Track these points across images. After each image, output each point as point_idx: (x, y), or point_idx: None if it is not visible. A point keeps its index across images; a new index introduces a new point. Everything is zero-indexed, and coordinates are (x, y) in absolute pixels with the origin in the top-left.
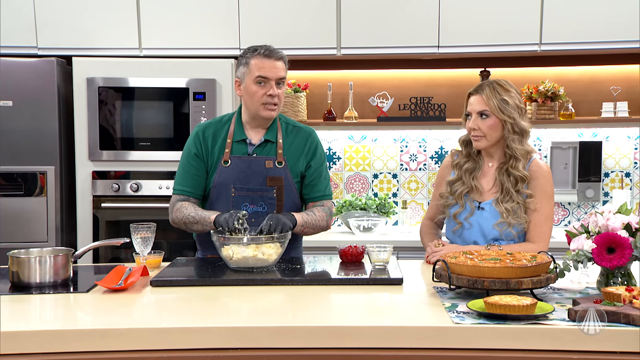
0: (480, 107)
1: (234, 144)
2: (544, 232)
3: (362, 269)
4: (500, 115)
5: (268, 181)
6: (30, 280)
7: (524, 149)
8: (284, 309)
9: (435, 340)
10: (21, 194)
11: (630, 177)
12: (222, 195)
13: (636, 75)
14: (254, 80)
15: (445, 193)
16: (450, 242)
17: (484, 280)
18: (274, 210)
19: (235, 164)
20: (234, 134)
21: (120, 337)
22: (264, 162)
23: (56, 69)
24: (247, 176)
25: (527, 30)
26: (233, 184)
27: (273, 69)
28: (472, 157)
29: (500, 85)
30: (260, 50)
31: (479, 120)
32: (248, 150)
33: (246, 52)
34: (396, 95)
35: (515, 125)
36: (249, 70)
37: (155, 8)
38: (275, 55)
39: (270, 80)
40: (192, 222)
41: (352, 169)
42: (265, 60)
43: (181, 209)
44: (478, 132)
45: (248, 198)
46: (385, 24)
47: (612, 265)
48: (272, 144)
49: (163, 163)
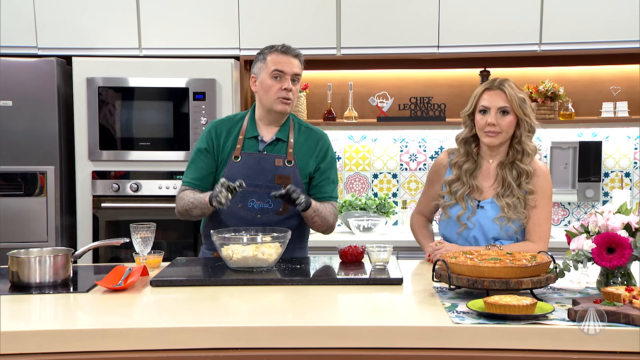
0: (503, 104)
1: (245, 140)
2: (544, 231)
3: (362, 269)
4: (519, 114)
5: (277, 179)
6: (30, 280)
7: (534, 145)
8: (284, 309)
9: (435, 340)
10: (21, 194)
11: (630, 177)
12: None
13: (636, 75)
14: (270, 75)
15: (443, 193)
16: (449, 241)
17: (483, 280)
18: (280, 208)
19: (246, 160)
20: (247, 130)
21: (120, 337)
22: (273, 160)
23: (56, 69)
24: (256, 173)
25: (527, 30)
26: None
27: (289, 64)
28: (471, 156)
29: (514, 84)
30: (277, 47)
31: (498, 117)
32: (259, 147)
33: (264, 49)
34: (396, 95)
35: (531, 124)
36: (265, 65)
37: (155, 8)
38: (292, 52)
39: (286, 75)
40: (192, 208)
41: (352, 169)
42: (282, 55)
43: (183, 197)
44: (496, 128)
45: (256, 194)
46: (385, 24)
47: (612, 265)
48: (283, 143)
49: (163, 163)
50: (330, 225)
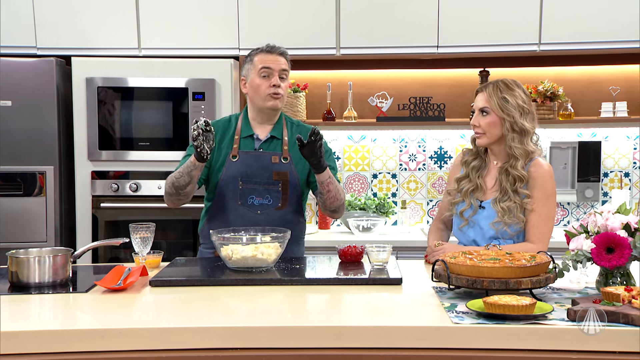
0: (482, 104)
1: (241, 139)
2: (543, 232)
3: (362, 269)
4: (499, 113)
5: (274, 175)
6: (29, 280)
7: (524, 148)
8: (283, 309)
9: (434, 340)
10: (20, 194)
11: (629, 177)
12: (230, 188)
13: (635, 75)
14: (258, 74)
15: (452, 190)
16: (457, 239)
17: (483, 280)
18: (279, 204)
19: (243, 158)
20: (242, 130)
21: (119, 337)
22: (270, 157)
23: (55, 69)
24: (254, 170)
25: (526, 30)
26: (241, 177)
27: (275, 62)
28: (480, 155)
29: (505, 84)
30: (263, 47)
31: (480, 117)
32: (255, 145)
33: (250, 52)
34: (395, 95)
35: (515, 124)
36: (253, 66)
37: (154, 8)
38: (278, 51)
39: (274, 72)
40: (179, 177)
41: (351, 169)
42: (267, 54)
43: (167, 179)
44: (479, 129)
45: (255, 191)
46: (384, 24)
47: (611, 265)
48: (277, 140)
49: (162, 163)
50: (342, 202)
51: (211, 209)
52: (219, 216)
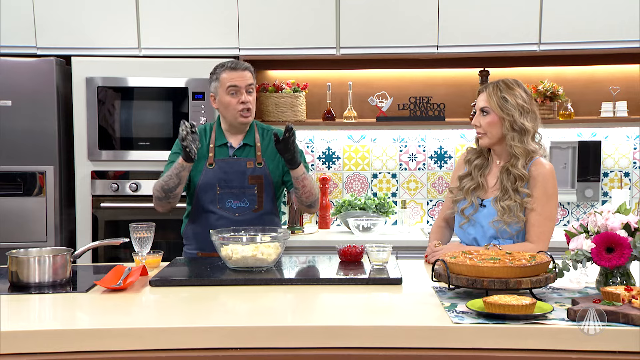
0: (482, 104)
1: (216, 148)
2: (543, 232)
3: (361, 268)
4: (498, 112)
5: (249, 179)
6: (29, 280)
7: (524, 147)
8: (283, 309)
9: (434, 340)
10: (20, 193)
11: (629, 176)
12: (208, 193)
13: (635, 75)
14: (226, 92)
15: (454, 188)
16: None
17: (483, 280)
18: (256, 206)
19: (220, 165)
20: (216, 139)
21: (119, 337)
22: (245, 162)
23: (55, 69)
24: (230, 176)
25: (526, 30)
26: (218, 183)
27: (241, 78)
28: (483, 154)
29: (506, 83)
30: (227, 64)
31: (480, 117)
32: (229, 152)
33: (215, 69)
34: (395, 95)
35: (514, 123)
36: (220, 84)
37: (154, 8)
38: (242, 67)
39: (241, 88)
40: (167, 180)
41: (351, 168)
42: (232, 72)
43: (155, 185)
44: (480, 129)
45: (232, 195)
46: (384, 23)
47: (611, 265)
48: (250, 147)
49: (162, 163)
50: (317, 197)
51: (192, 212)
52: (199, 219)
